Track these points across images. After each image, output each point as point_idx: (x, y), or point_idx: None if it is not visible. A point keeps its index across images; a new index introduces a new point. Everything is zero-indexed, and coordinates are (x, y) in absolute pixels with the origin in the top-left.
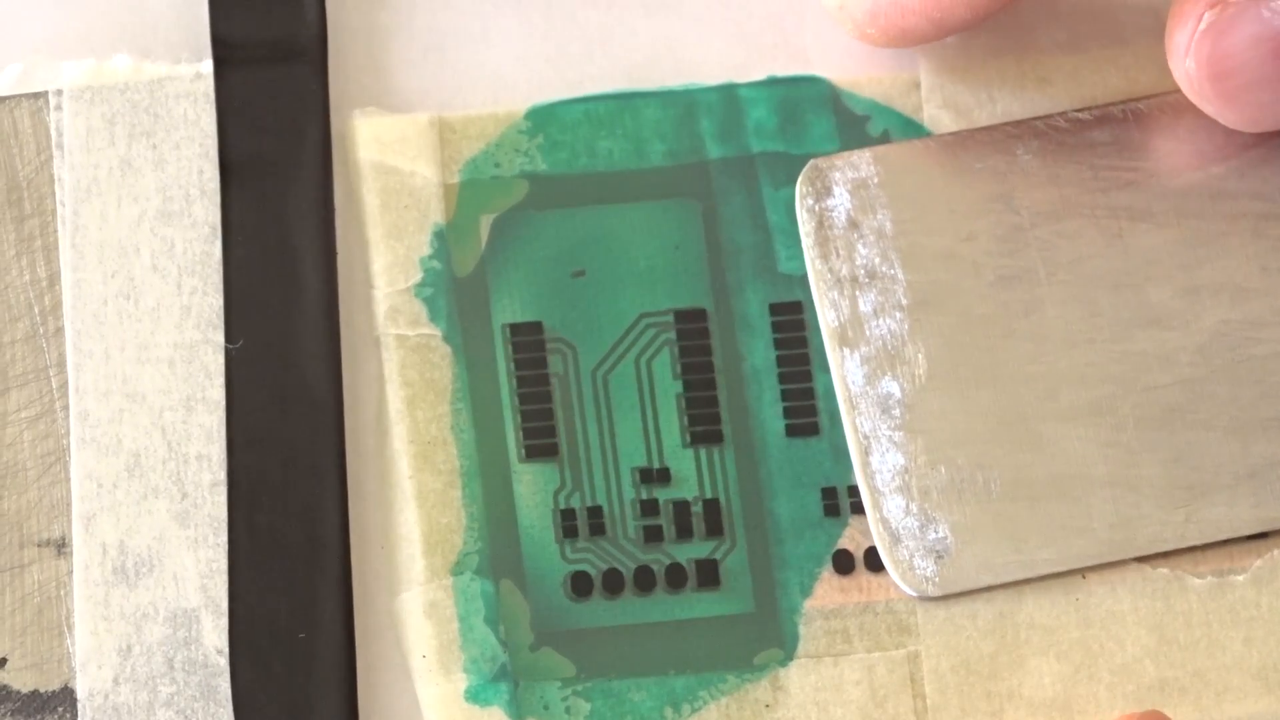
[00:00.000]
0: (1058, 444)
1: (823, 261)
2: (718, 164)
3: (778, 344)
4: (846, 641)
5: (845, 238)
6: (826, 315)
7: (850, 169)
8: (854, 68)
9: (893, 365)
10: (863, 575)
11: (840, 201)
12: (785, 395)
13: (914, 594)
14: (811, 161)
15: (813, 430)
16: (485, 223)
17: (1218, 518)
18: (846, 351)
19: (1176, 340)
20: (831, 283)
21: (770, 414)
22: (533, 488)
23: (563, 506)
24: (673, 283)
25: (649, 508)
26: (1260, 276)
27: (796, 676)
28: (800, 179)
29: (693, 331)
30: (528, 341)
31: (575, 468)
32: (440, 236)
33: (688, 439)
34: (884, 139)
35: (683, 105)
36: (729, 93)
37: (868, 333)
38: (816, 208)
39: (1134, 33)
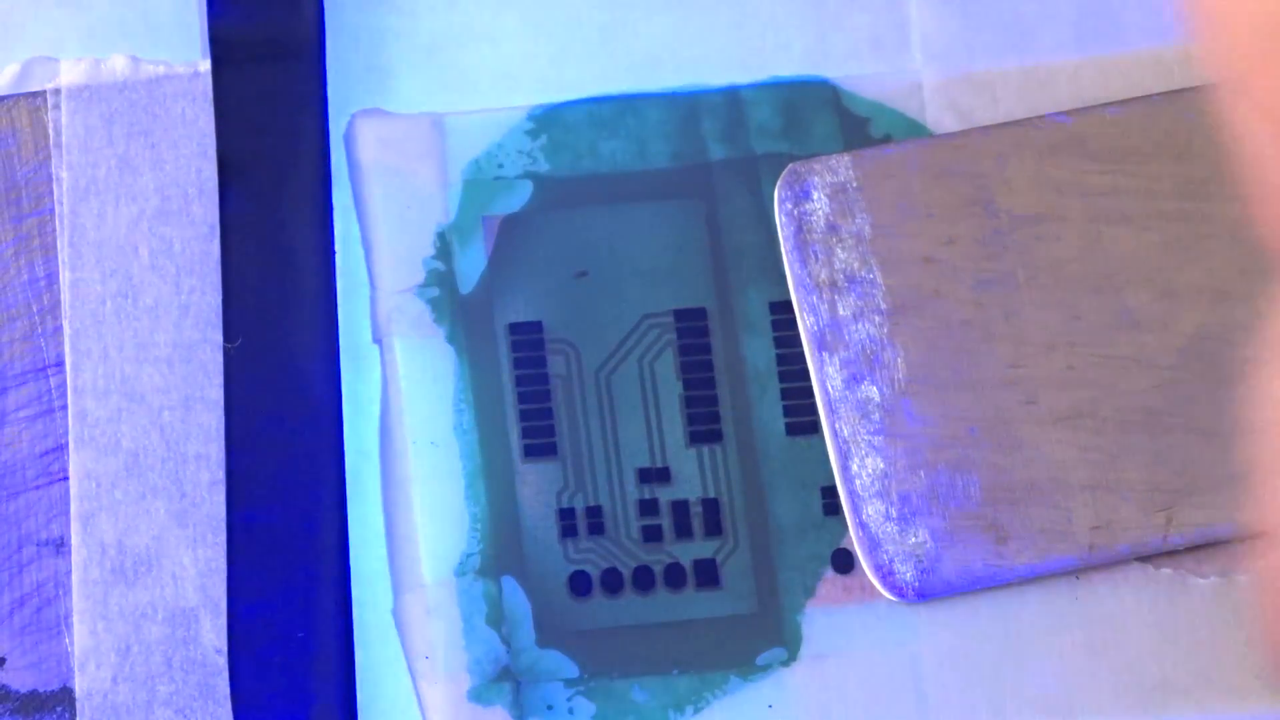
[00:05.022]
0: (1037, 448)
1: (801, 265)
2: (720, 165)
3: (779, 344)
4: (849, 641)
5: (824, 241)
6: (805, 319)
7: (829, 172)
8: (857, 69)
9: (872, 369)
10: (864, 574)
11: (819, 205)
12: (786, 395)
13: (894, 598)
14: (790, 165)
15: (813, 429)
16: (488, 224)
17: (1199, 521)
18: (826, 356)
19: (1156, 343)
20: (810, 287)
21: (771, 413)
22: (535, 488)
23: (564, 506)
24: (675, 283)
25: (650, 507)
26: (1239, 280)
27: (799, 676)
28: (779, 182)
29: (694, 331)
30: (530, 342)
31: (578, 468)
32: (443, 238)
33: (689, 439)
34: (886, 140)
35: (685, 106)
36: (732, 94)
37: (847, 337)
38: (795, 211)
39: (1135, 33)
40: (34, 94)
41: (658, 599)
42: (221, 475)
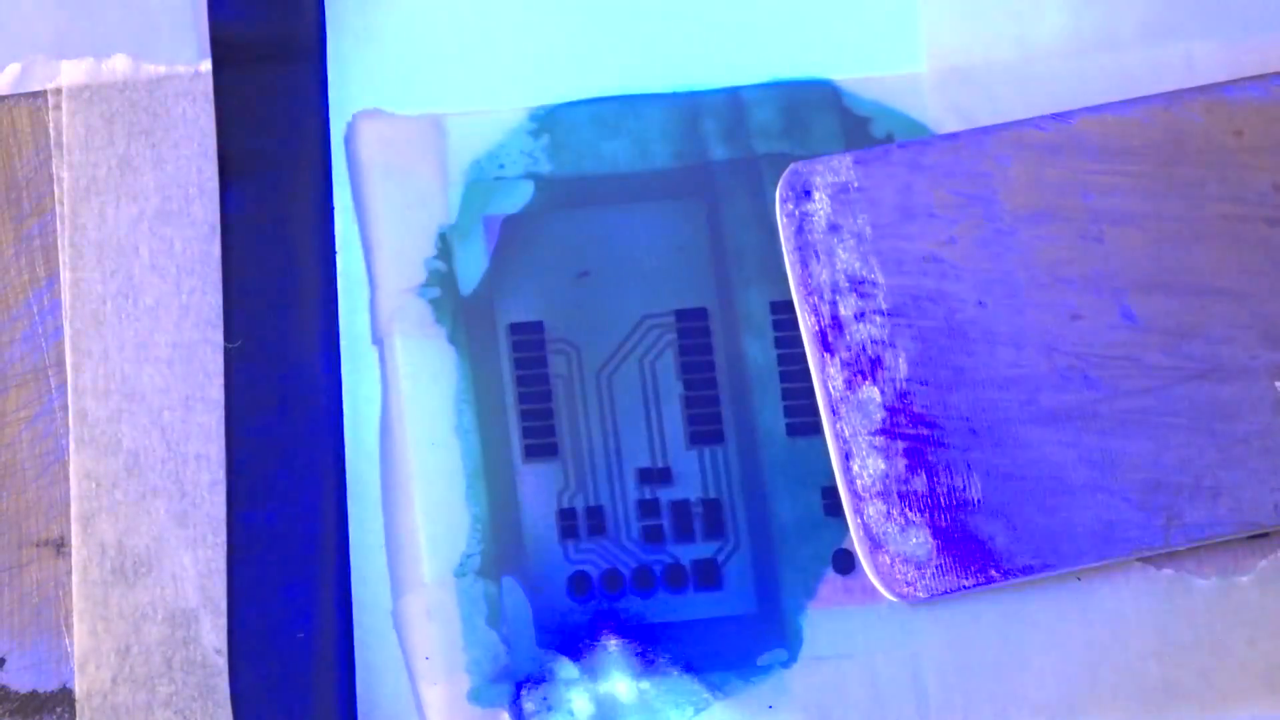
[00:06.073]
0: (1038, 448)
1: (803, 266)
2: (721, 165)
3: (780, 344)
4: (849, 642)
5: (825, 242)
6: (807, 320)
7: (830, 173)
8: (857, 69)
9: (873, 369)
10: (865, 575)
11: (820, 205)
12: (787, 395)
13: (894, 599)
14: (792, 165)
15: (814, 430)
16: (489, 224)
17: (1198, 521)
18: (827, 356)
19: (1156, 343)
20: (812, 287)
21: (772, 414)
22: (536, 488)
23: (565, 507)
24: (676, 283)
25: (650, 508)
26: (1239, 280)
27: (800, 677)
28: (781, 183)
29: (695, 331)
30: (531, 342)
31: (579, 468)
32: (444, 238)
33: (690, 439)
34: (888, 140)
35: (687, 107)
36: (733, 95)
37: (848, 337)
38: (796, 211)
39: (1135, 33)
40: (34, 94)
41: (658, 599)
42: (221, 475)
